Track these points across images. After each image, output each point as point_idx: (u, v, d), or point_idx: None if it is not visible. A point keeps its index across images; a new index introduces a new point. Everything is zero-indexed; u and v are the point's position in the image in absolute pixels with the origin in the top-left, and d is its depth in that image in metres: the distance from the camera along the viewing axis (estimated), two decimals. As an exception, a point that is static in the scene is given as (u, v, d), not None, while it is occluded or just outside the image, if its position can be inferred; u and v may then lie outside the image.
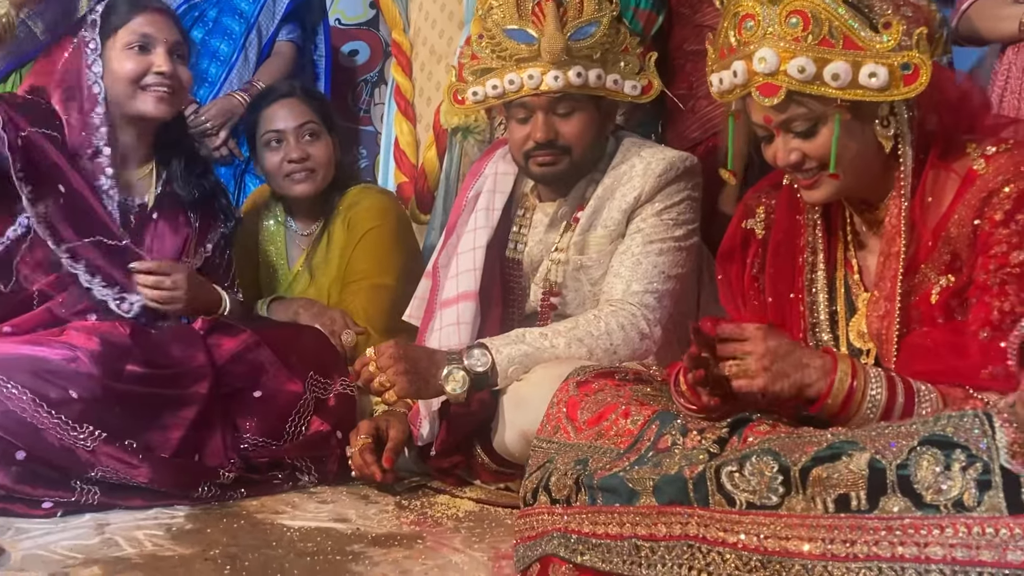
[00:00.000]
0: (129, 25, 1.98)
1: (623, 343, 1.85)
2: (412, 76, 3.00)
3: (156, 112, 1.99)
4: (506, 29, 1.90)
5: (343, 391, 2.04)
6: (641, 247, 1.92)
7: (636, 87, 1.96)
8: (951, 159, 1.38)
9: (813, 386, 1.30)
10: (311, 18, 3.28)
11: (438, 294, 2.04)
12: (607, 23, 1.91)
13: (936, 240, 1.37)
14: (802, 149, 1.39)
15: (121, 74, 1.96)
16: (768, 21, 1.35)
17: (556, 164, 1.93)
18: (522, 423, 1.74)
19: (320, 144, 2.36)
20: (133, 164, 2.05)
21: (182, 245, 2.05)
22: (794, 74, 1.33)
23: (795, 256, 1.54)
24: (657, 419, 1.41)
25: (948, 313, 1.36)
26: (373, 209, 2.37)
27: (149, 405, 1.80)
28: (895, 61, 1.32)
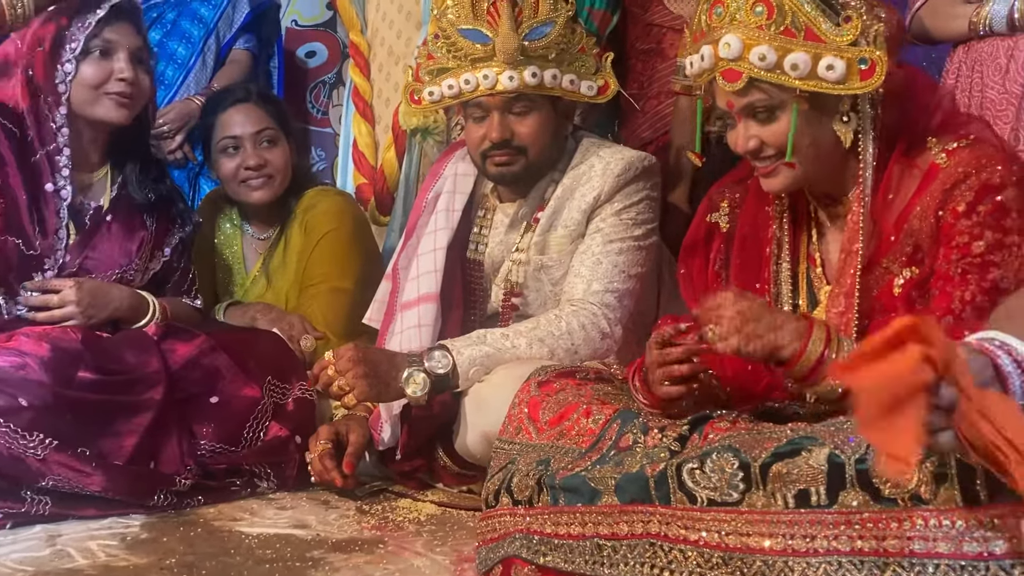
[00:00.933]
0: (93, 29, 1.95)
1: (584, 342, 1.85)
2: (370, 77, 2.96)
3: (116, 118, 1.97)
4: (461, 29, 1.89)
5: (302, 396, 2.02)
6: (601, 247, 1.92)
7: (592, 87, 1.96)
8: (914, 155, 1.41)
9: (786, 348, 1.29)
10: (267, 30, 3.28)
11: (398, 296, 2.03)
12: (562, 23, 1.91)
13: (898, 233, 1.39)
14: (760, 136, 1.41)
15: (83, 79, 1.94)
16: (735, 8, 1.38)
17: (512, 164, 1.92)
18: (484, 424, 1.74)
19: (277, 150, 2.33)
20: (89, 166, 2.02)
21: (136, 248, 2.01)
22: (755, 61, 1.36)
23: (761, 247, 1.55)
24: (618, 418, 1.41)
25: (910, 305, 1.38)
26: (330, 212, 2.34)
27: (102, 412, 1.76)
28: (853, 56, 1.35)
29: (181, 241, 2.12)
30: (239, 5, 3.16)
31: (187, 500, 1.81)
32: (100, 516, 1.70)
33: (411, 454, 1.91)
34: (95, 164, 2.03)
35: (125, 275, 2.00)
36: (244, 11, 3.16)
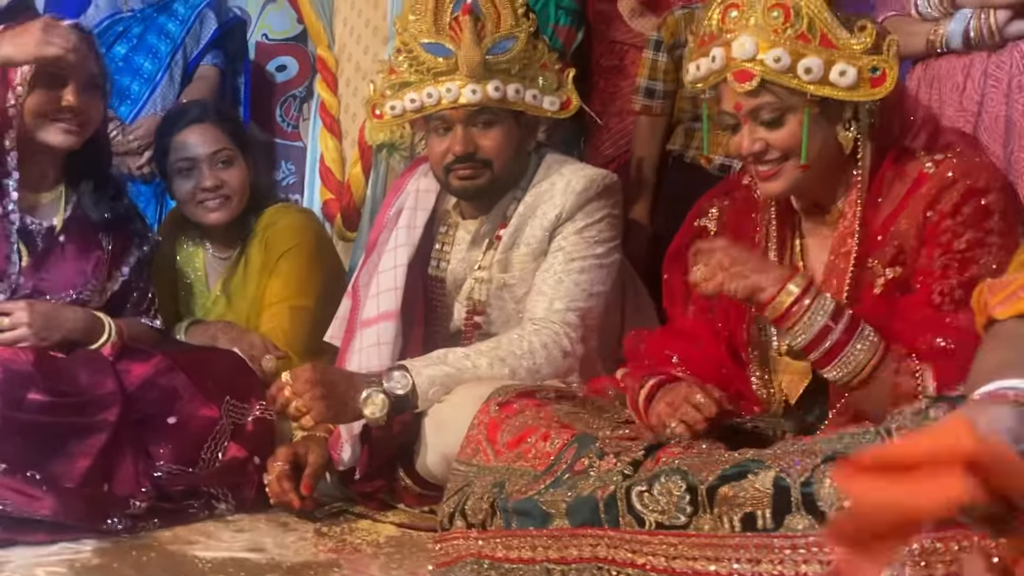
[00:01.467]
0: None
1: (546, 361, 1.84)
2: (337, 92, 2.97)
3: (63, 144, 1.94)
4: (423, 43, 1.89)
5: (261, 416, 1.99)
6: (563, 265, 1.92)
7: (555, 102, 1.96)
8: (903, 164, 1.44)
9: (765, 291, 1.35)
10: (234, 46, 3.27)
11: (359, 314, 2.01)
12: (524, 39, 1.91)
13: (885, 235, 1.42)
14: (767, 139, 1.43)
15: (30, 105, 1.90)
16: (751, 11, 1.40)
17: (476, 178, 1.92)
18: (444, 445, 1.72)
19: (234, 170, 2.30)
20: (42, 187, 1.99)
21: (92, 269, 1.98)
22: (770, 63, 1.38)
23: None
24: (576, 442, 1.41)
25: (890, 301, 1.41)
26: (290, 229, 2.32)
27: (54, 434, 1.73)
28: (865, 64, 1.39)
29: (139, 260, 2.09)
30: (207, 21, 3.15)
31: (142, 523, 1.77)
32: (50, 541, 1.65)
33: (371, 475, 1.90)
34: (49, 183, 2.00)
35: (81, 296, 1.97)
36: (212, 27, 3.15)
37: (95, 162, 2.04)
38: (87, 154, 2.01)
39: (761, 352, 1.55)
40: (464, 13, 1.87)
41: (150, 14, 3.12)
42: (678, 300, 1.66)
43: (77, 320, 1.93)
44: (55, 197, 2.00)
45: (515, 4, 1.93)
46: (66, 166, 2.01)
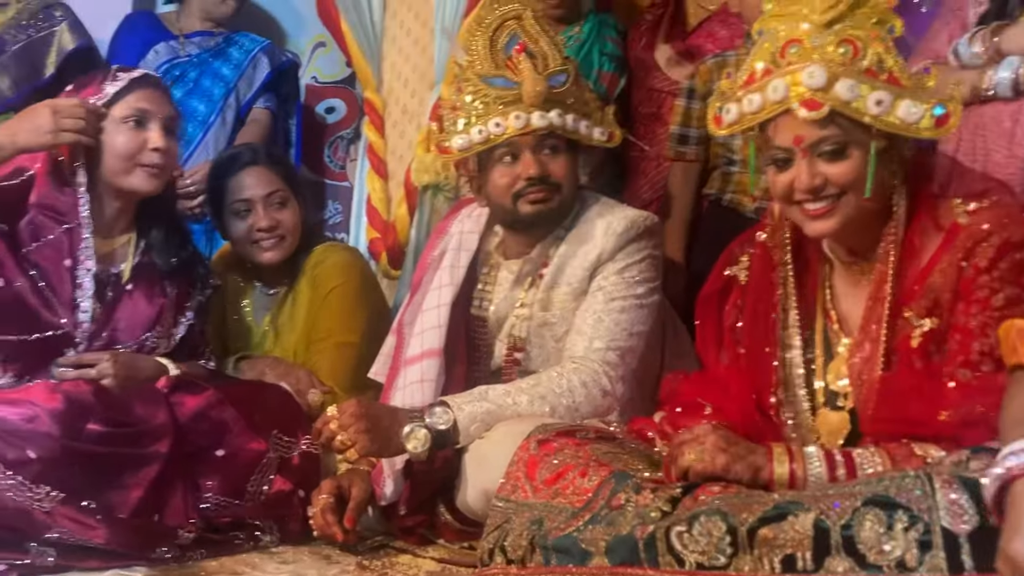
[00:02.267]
0: (126, 99, 1.99)
1: (585, 400, 1.85)
2: (384, 134, 3.04)
3: (147, 188, 2.01)
4: (486, 77, 1.96)
5: (307, 450, 2.03)
6: (603, 304, 1.94)
7: (604, 133, 2.03)
8: (938, 213, 1.44)
9: (764, 468, 1.35)
10: (286, 89, 3.36)
11: (403, 351, 2.05)
12: (573, 74, 2.00)
13: (920, 286, 1.42)
14: (826, 173, 1.42)
15: (116, 149, 1.97)
16: (817, 44, 1.40)
17: (549, 201, 1.96)
18: (484, 481, 1.74)
19: (288, 211, 2.37)
20: (112, 233, 2.04)
21: (156, 315, 2.04)
22: (841, 93, 1.38)
23: (769, 311, 1.57)
24: (613, 479, 1.42)
25: (926, 356, 1.40)
26: (337, 267, 2.38)
27: (109, 464, 1.78)
28: (930, 103, 1.40)
29: (200, 304, 2.15)
30: (260, 65, 3.24)
31: (190, 553, 1.81)
32: (103, 568, 1.71)
33: (413, 509, 1.92)
34: (120, 230, 2.06)
35: (147, 342, 2.03)
36: (264, 70, 3.23)
37: (165, 208, 2.11)
38: (158, 200, 2.08)
39: (794, 413, 1.54)
40: (519, 52, 1.95)
41: (206, 58, 3.22)
42: (710, 345, 1.67)
43: (150, 369, 1.99)
44: (124, 243, 2.06)
45: (559, 47, 2.02)
46: (137, 213, 2.08)
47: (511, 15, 1.99)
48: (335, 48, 3.38)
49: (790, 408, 1.55)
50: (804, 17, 1.42)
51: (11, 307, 1.90)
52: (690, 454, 1.37)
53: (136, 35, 3.23)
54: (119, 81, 2.01)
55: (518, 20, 1.99)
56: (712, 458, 1.35)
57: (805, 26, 1.42)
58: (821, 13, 1.41)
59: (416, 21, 2.93)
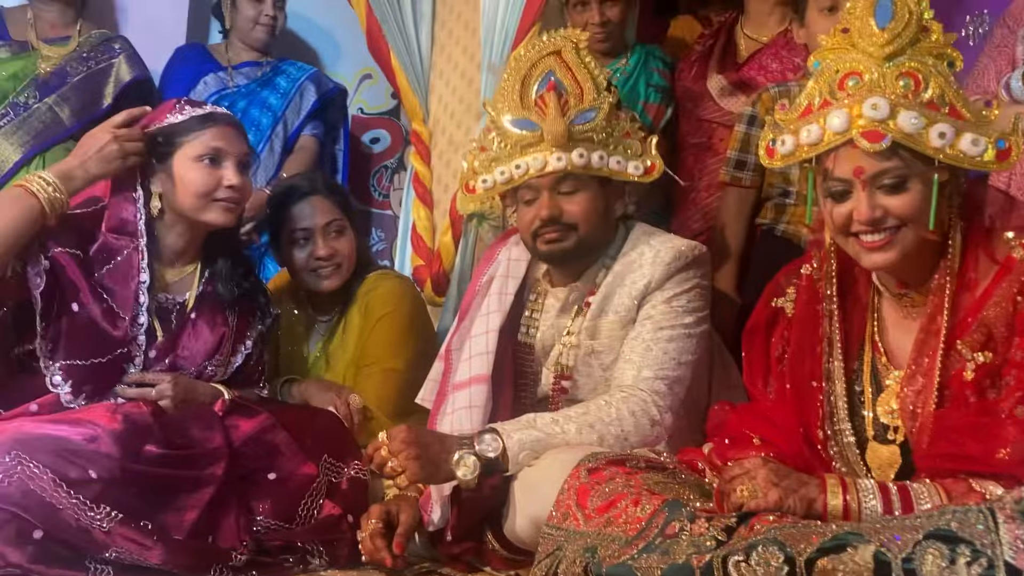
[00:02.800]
0: (201, 138, 2.03)
1: (634, 429, 1.85)
2: (430, 164, 3.08)
3: (224, 222, 2.05)
4: (511, 119, 1.99)
5: (356, 475, 2.05)
6: (651, 333, 1.95)
7: (639, 167, 2.02)
8: (992, 246, 1.44)
9: (817, 500, 1.35)
10: (334, 116, 3.42)
11: (450, 377, 2.07)
12: (607, 109, 2.00)
13: (973, 319, 1.41)
14: (886, 205, 1.42)
15: (192, 187, 2.01)
16: (877, 77, 1.41)
17: (563, 241, 1.98)
18: (533, 509, 1.74)
19: (345, 239, 2.43)
20: (178, 263, 2.09)
21: (217, 343, 2.08)
22: (904, 125, 1.38)
23: (814, 344, 1.57)
24: (666, 507, 1.42)
25: (981, 391, 1.39)
26: (388, 294, 2.41)
27: (166, 486, 1.81)
28: (992, 136, 1.40)
29: (260, 334, 2.18)
30: (306, 92, 3.31)
31: (241, 574, 1.83)
32: (158, 588, 1.75)
33: (460, 537, 1.92)
34: (186, 260, 2.10)
35: (206, 370, 2.07)
36: (311, 98, 3.30)
37: (231, 239, 2.16)
38: (225, 231, 2.12)
39: (840, 447, 1.54)
40: (548, 91, 1.98)
41: (253, 88, 3.29)
42: (757, 377, 1.67)
43: (207, 395, 2.03)
44: (189, 273, 2.10)
45: (597, 79, 2.01)
46: (204, 244, 2.12)
47: (549, 50, 2.01)
48: (381, 80, 3.45)
49: (836, 442, 1.54)
50: (863, 50, 1.43)
51: (85, 332, 1.94)
52: (742, 490, 1.37)
53: (187, 66, 3.32)
54: (184, 114, 2.05)
55: (557, 55, 2.01)
56: (764, 494, 1.35)
57: (864, 59, 1.43)
58: (881, 47, 1.42)
59: (464, 55, 2.98)
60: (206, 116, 2.07)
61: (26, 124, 3.02)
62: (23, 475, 1.68)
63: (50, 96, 3.04)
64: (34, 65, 3.08)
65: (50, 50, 3.12)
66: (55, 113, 3.05)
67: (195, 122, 2.04)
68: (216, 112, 2.10)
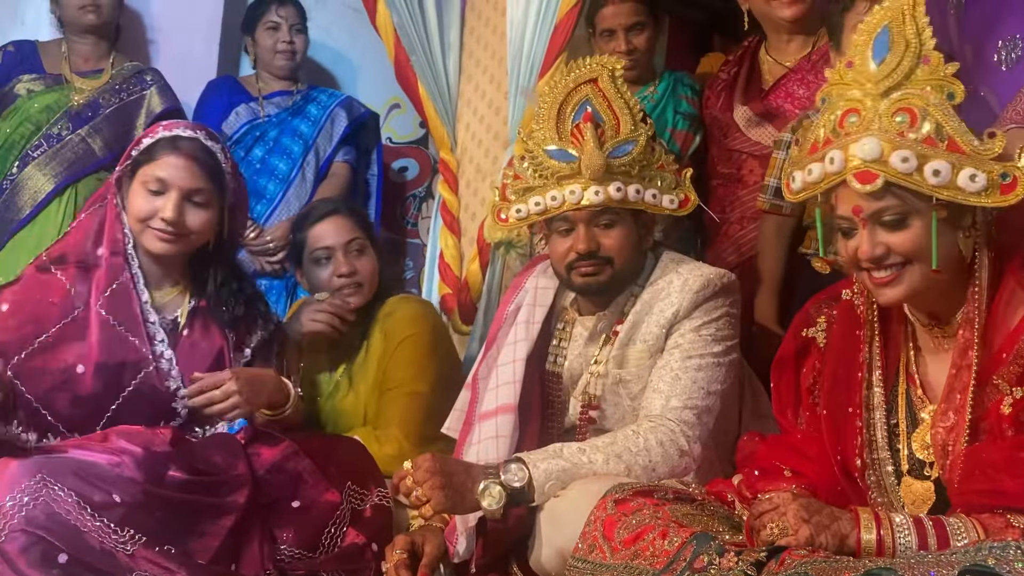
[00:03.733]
0: (151, 164, 2.01)
1: (662, 460, 1.82)
2: (458, 192, 3.10)
3: (159, 251, 2.03)
4: (547, 149, 1.97)
5: (379, 503, 2.03)
6: (680, 362, 1.92)
7: (674, 201, 2.01)
8: (1022, 274, 1.40)
9: (850, 536, 1.32)
10: (366, 140, 3.45)
11: (477, 406, 2.06)
12: (644, 142, 1.97)
13: (1010, 351, 1.37)
14: (888, 243, 1.40)
15: (133, 211, 2.01)
16: (873, 115, 1.38)
17: (599, 275, 1.97)
18: (559, 541, 1.71)
19: (366, 259, 2.43)
20: (165, 285, 2.08)
21: (216, 355, 2.06)
22: (896, 164, 1.35)
23: (853, 371, 1.54)
24: (694, 540, 1.39)
25: (1019, 425, 1.35)
26: (408, 317, 2.41)
27: (189, 511, 1.81)
28: (995, 170, 1.35)
29: (263, 341, 2.15)
30: (337, 119, 3.34)
31: (264, 604, 1.83)
32: (180, 612, 1.73)
33: (486, 568, 1.90)
34: (172, 281, 2.09)
35: None
36: (342, 124, 3.34)
37: (217, 263, 2.11)
38: (208, 256, 2.10)
39: (878, 476, 1.51)
40: (585, 121, 1.95)
41: (285, 118, 3.35)
42: (788, 408, 1.64)
43: (272, 382, 2.04)
44: (178, 293, 2.09)
45: (634, 111, 1.99)
46: (189, 263, 2.11)
47: (585, 78, 1.99)
48: (409, 109, 3.49)
49: (875, 472, 1.51)
50: (861, 86, 1.41)
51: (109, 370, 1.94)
52: (772, 527, 1.34)
53: (219, 98, 3.38)
54: (152, 136, 2.04)
55: (593, 83, 1.98)
56: (795, 530, 1.32)
57: (862, 95, 1.40)
58: (877, 82, 1.39)
59: (491, 84, 3.00)
60: (168, 142, 2.02)
61: (59, 155, 3.09)
62: (48, 498, 1.69)
63: (83, 128, 3.11)
64: (67, 97, 3.15)
65: (83, 82, 3.19)
66: (87, 144, 3.11)
67: (156, 147, 2.02)
68: (181, 139, 2.03)
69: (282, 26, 3.31)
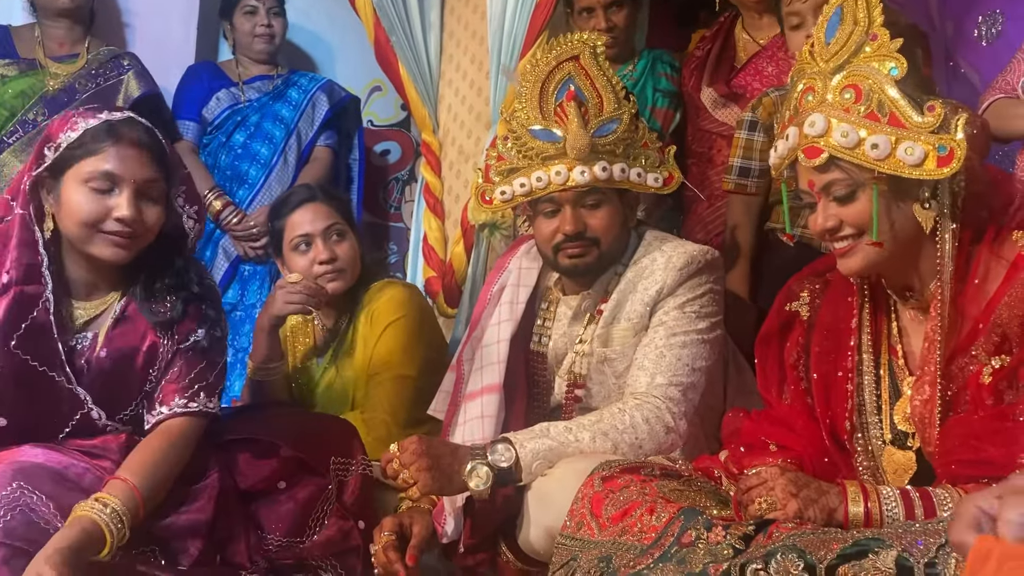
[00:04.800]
0: (93, 157, 1.70)
1: (648, 437, 1.83)
2: (441, 175, 3.08)
3: (112, 258, 1.73)
4: (531, 129, 1.95)
5: (364, 472, 2.01)
6: (664, 340, 1.92)
7: (658, 179, 2.00)
8: (1000, 246, 1.41)
9: (838, 509, 1.33)
10: (347, 124, 3.43)
11: (462, 387, 2.05)
12: (627, 120, 1.96)
13: (986, 322, 1.38)
14: (839, 215, 1.44)
15: (75, 214, 1.70)
16: (825, 91, 1.43)
17: (585, 255, 1.96)
18: (547, 519, 1.72)
19: (346, 244, 2.41)
20: (95, 296, 1.81)
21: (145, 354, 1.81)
22: (837, 139, 1.40)
23: (844, 337, 1.55)
24: (682, 515, 1.40)
25: (998, 395, 1.36)
26: (394, 302, 2.39)
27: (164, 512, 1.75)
28: (933, 142, 1.38)
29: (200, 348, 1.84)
30: (318, 103, 3.32)
31: (252, 596, 1.81)
32: (167, 611, 1.71)
33: (474, 548, 1.90)
34: (106, 288, 1.82)
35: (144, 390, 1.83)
36: (324, 108, 3.32)
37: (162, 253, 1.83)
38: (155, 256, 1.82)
39: (866, 440, 1.53)
40: (568, 100, 1.93)
41: (265, 102, 3.32)
42: (772, 384, 1.65)
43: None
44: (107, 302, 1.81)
45: (616, 88, 1.98)
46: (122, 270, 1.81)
47: (567, 56, 1.97)
48: (390, 92, 3.46)
49: (863, 436, 1.52)
50: (816, 65, 1.46)
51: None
52: (760, 502, 1.35)
53: (200, 84, 3.36)
54: (76, 129, 1.71)
55: (575, 60, 1.97)
56: (783, 505, 1.33)
57: (817, 74, 1.45)
58: (827, 60, 1.44)
59: (472, 64, 2.98)
60: (106, 130, 1.71)
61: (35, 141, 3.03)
62: (24, 507, 1.61)
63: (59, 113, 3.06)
64: (42, 83, 3.10)
65: (58, 67, 3.15)
66: None
67: (90, 136, 1.70)
68: (117, 124, 1.72)
69: (260, 9, 3.28)
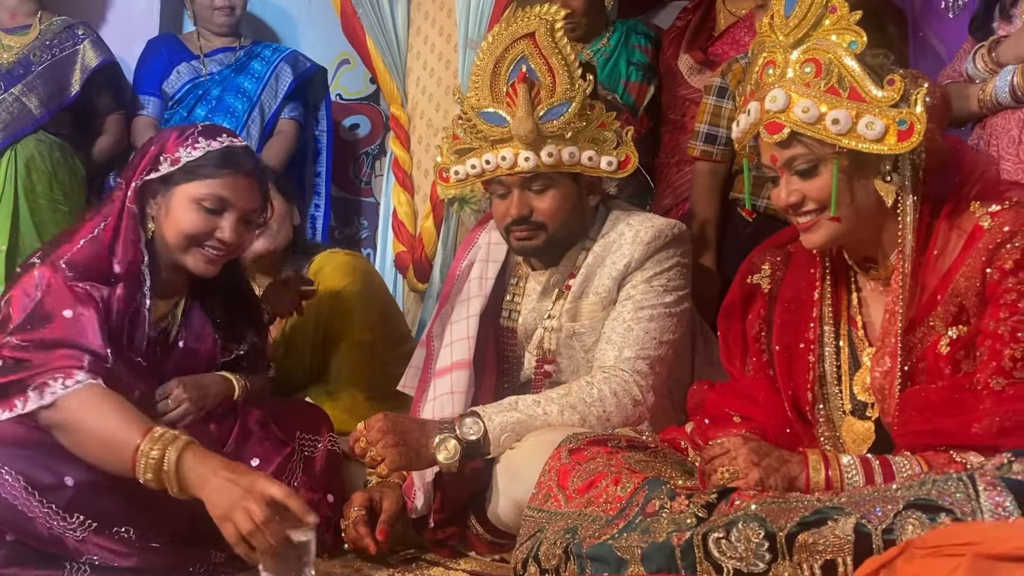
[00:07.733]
0: (209, 181, 1.84)
1: (616, 409, 1.84)
2: (410, 149, 3.06)
3: (203, 272, 1.89)
4: (481, 111, 1.94)
5: (331, 448, 2.01)
6: (632, 313, 1.93)
7: (612, 163, 1.97)
8: (958, 217, 1.42)
9: (799, 478, 1.34)
10: (313, 96, 3.37)
11: (432, 363, 2.05)
12: (580, 101, 1.92)
13: (944, 292, 1.39)
14: (802, 190, 1.44)
15: (182, 226, 1.84)
16: (786, 66, 1.43)
17: (532, 239, 1.97)
18: (515, 492, 1.73)
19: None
20: (171, 295, 1.95)
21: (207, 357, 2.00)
22: (798, 114, 1.40)
23: (806, 309, 1.56)
24: (646, 486, 1.41)
25: (955, 364, 1.38)
26: (339, 270, 2.38)
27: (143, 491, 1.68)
28: (893, 117, 1.38)
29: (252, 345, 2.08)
30: (282, 74, 3.26)
31: (222, 572, 1.79)
32: (137, 585, 1.71)
33: (444, 522, 1.91)
34: (173, 292, 1.96)
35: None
36: (287, 80, 3.26)
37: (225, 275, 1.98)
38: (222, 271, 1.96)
39: (828, 411, 1.54)
40: (520, 81, 1.90)
41: (227, 75, 3.26)
42: (736, 356, 1.66)
43: (215, 384, 1.97)
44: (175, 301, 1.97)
45: (572, 67, 1.92)
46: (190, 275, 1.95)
47: (523, 32, 1.93)
48: (359, 65, 3.42)
49: (825, 406, 1.54)
50: (775, 38, 1.45)
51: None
52: (723, 471, 1.37)
53: (160, 57, 3.30)
54: (197, 148, 1.84)
55: (530, 38, 1.92)
56: (746, 473, 1.35)
57: (777, 47, 1.44)
58: (787, 34, 1.43)
59: (440, 36, 2.95)
60: (227, 156, 1.85)
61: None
62: None
63: (15, 86, 3.01)
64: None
65: (11, 40, 3.09)
66: (22, 103, 3.01)
67: (211, 160, 1.84)
68: (238, 153, 1.87)
69: None
